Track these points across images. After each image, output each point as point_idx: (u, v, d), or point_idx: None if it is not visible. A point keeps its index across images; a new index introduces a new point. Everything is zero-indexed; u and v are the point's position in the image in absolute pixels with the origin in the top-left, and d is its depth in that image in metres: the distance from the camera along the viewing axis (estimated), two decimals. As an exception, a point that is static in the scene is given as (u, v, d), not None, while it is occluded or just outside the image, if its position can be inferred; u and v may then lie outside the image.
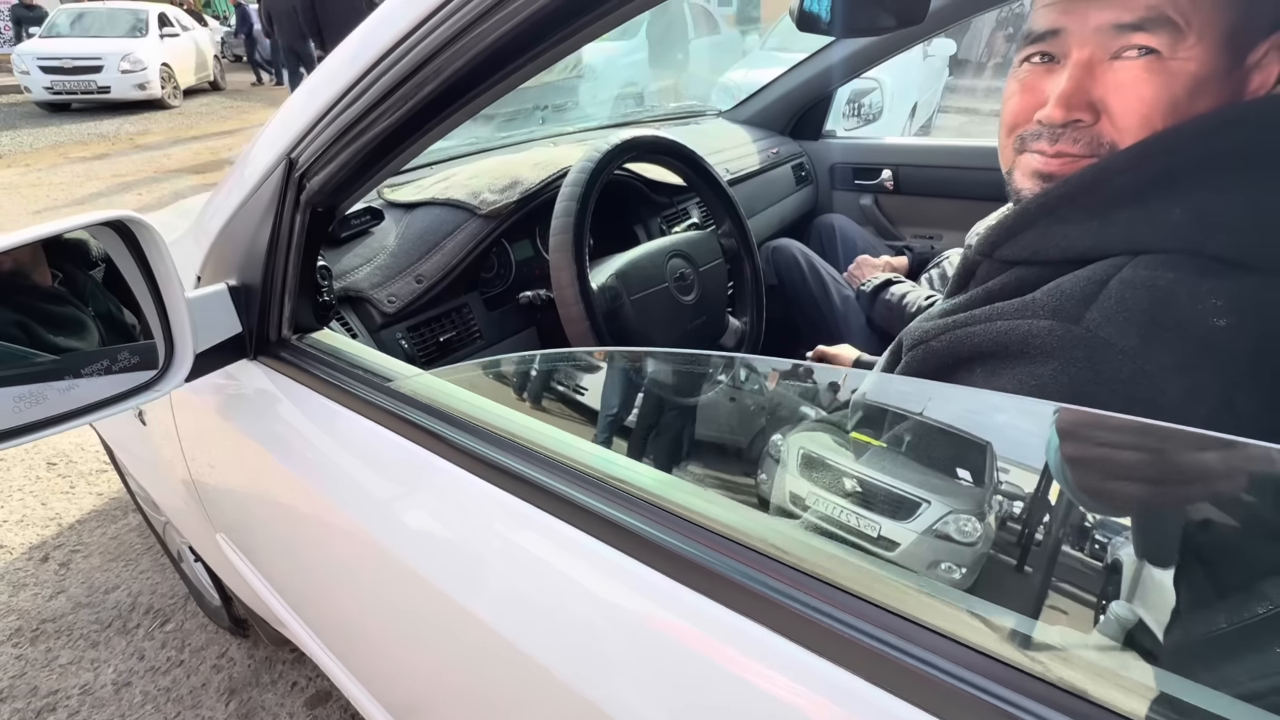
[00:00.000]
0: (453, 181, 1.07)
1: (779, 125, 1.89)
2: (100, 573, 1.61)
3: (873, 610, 0.32)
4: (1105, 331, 0.40)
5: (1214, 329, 0.38)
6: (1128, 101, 0.45)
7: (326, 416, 0.63)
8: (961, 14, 1.44)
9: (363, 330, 0.87)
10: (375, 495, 0.58)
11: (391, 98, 0.50)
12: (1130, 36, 0.44)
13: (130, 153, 5.91)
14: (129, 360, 0.58)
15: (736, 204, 1.11)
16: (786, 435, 0.45)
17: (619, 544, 0.41)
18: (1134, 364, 0.38)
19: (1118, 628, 0.29)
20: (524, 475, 0.46)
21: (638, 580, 0.40)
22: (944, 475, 0.39)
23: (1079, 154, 0.47)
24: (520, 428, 0.50)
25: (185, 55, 9.01)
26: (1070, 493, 0.33)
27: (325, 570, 0.71)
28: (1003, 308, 0.45)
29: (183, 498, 0.96)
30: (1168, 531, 0.31)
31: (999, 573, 0.34)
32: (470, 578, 0.50)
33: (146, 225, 0.54)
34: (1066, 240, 0.45)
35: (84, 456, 2.03)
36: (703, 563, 0.37)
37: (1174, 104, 0.44)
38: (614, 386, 0.57)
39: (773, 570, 0.35)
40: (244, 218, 0.66)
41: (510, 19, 0.42)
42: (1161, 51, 0.43)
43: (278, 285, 0.65)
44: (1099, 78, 0.46)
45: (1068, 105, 0.46)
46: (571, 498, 0.43)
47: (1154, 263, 0.41)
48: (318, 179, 0.58)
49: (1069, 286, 0.42)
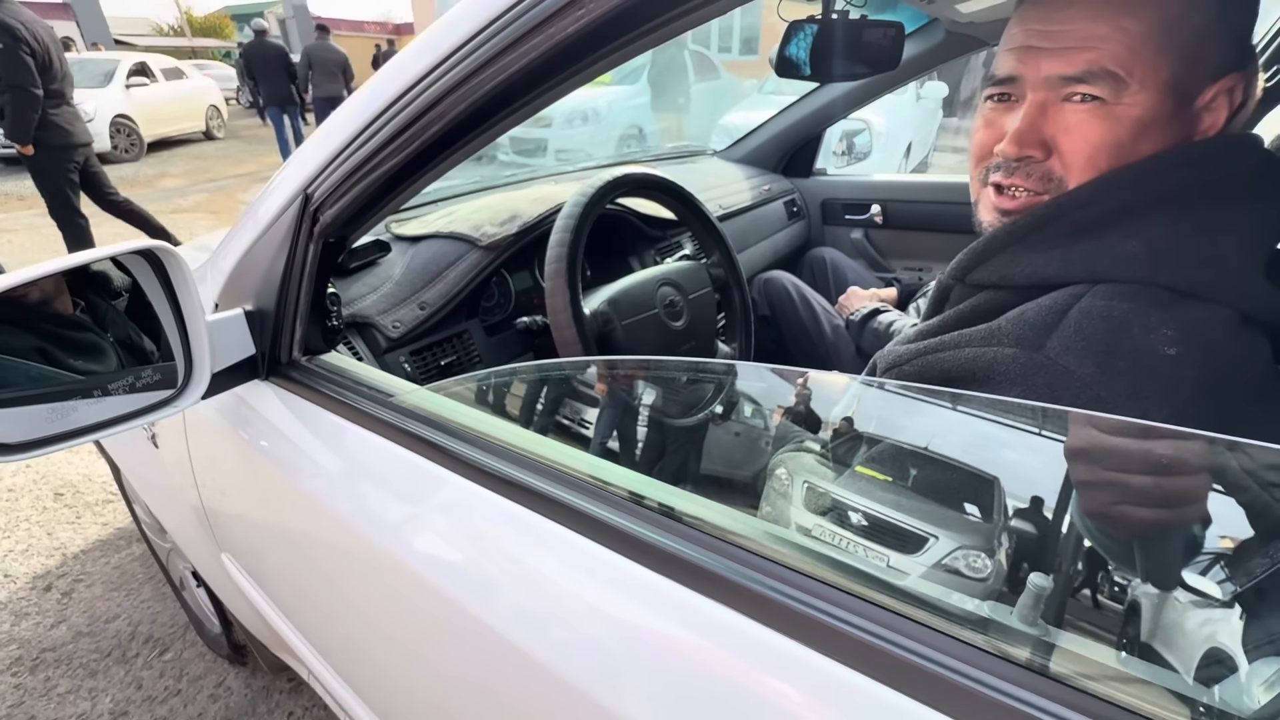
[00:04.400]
0: (455, 216, 1.13)
1: (771, 163, 1.97)
2: (102, 602, 1.62)
3: (888, 615, 0.33)
4: (1065, 360, 0.42)
5: (1164, 358, 0.40)
6: (1075, 142, 0.48)
7: (333, 432, 0.67)
8: (936, 62, 1.51)
9: (368, 353, 0.91)
10: (380, 507, 0.62)
11: (400, 138, 0.56)
12: (1075, 86, 0.47)
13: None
14: (151, 378, 0.62)
15: (724, 236, 1.17)
16: (790, 467, 0.45)
17: (625, 550, 0.43)
18: (1090, 391, 0.40)
19: (1137, 659, 0.29)
20: (526, 484, 0.49)
21: (647, 587, 0.41)
22: (952, 510, 0.38)
23: (1031, 188, 0.51)
24: (521, 438, 0.53)
25: (156, 106, 8.46)
26: (1076, 516, 0.33)
27: (331, 585, 0.73)
28: (970, 335, 0.47)
29: (189, 519, 0.99)
30: (1170, 551, 0.31)
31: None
32: (478, 587, 0.51)
33: (174, 254, 0.60)
34: (1031, 267, 0.48)
35: (91, 488, 2.06)
36: (709, 567, 0.39)
37: (1119, 145, 0.47)
38: (612, 398, 0.60)
39: (783, 577, 0.36)
40: (261, 248, 0.72)
41: (508, 69, 0.47)
42: (1105, 99, 0.47)
43: (290, 310, 0.70)
44: (1050, 118, 0.49)
45: (1021, 142, 0.50)
46: (575, 505, 0.46)
47: (1111, 293, 0.43)
48: (331, 212, 0.64)
49: (1032, 315, 0.44)
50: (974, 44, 1.43)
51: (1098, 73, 0.46)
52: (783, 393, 0.51)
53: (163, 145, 8.97)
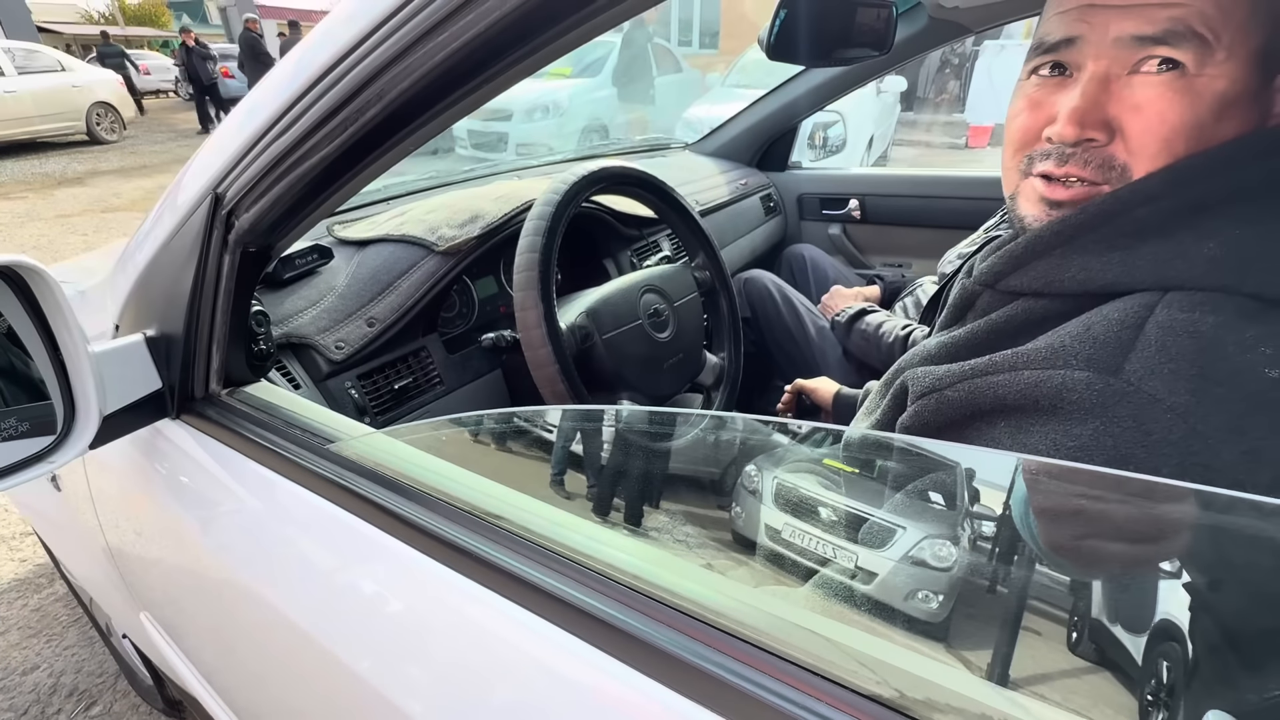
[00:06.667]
0: (408, 217, 1.01)
1: (746, 157, 1.90)
2: (18, 650, 1.45)
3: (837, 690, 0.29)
4: (1150, 386, 0.36)
5: (1267, 381, 0.34)
6: (1147, 122, 0.41)
7: (261, 485, 0.55)
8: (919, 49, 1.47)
9: (307, 380, 0.79)
10: (312, 577, 0.51)
11: (329, 125, 0.45)
12: (1152, 49, 0.40)
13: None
14: (17, 428, 0.49)
15: (709, 235, 1.08)
16: (760, 467, 0.44)
17: (611, 648, 0.35)
18: (1185, 423, 0.34)
19: (1093, 650, 0.29)
20: (480, 555, 0.40)
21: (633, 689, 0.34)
22: (917, 499, 0.37)
23: (1089, 177, 0.44)
24: (480, 496, 0.44)
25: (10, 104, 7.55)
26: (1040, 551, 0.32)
27: (255, 651, 0.62)
28: (1029, 354, 0.40)
29: (104, 573, 0.86)
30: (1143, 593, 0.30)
31: (975, 598, 0.34)
32: (421, 673, 0.43)
33: (39, 271, 0.47)
34: (1086, 273, 0.41)
35: (6, 519, 1.86)
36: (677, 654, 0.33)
37: (1198, 126, 0.40)
38: (587, 448, 0.52)
39: (740, 652, 0.32)
40: (167, 260, 0.59)
41: (458, 37, 0.37)
42: (1187, 67, 0.40)
43: (204, 334, 0.58)
44: (1115, 94, 0.42)
45: (1081, 122, 0.43)
46: (532, 579, 0.37)
47: (1190, 303, 0.37)
48: (248, 216, 0.52)
49: (1100, 331, 0.38)
50: (957, 30, 1.38)
51: (1182, 32, 0.39)
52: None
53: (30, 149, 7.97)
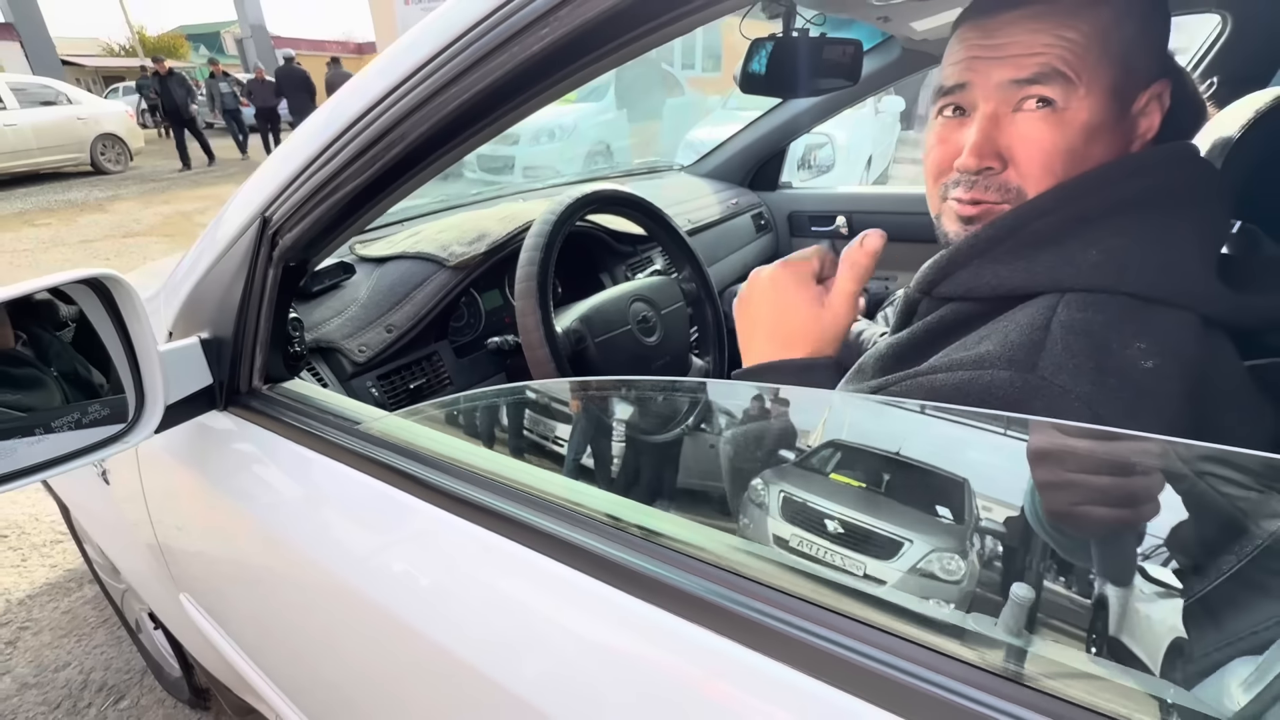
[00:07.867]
0: (422, 236, 1.11)
1: (738, 178, 1.99)
2: (50, 649, 1.53)
3: (866, 630, 0.33)
4: (1060, 379, 0.41)
5: (1145, 372, 0.40)
6: (1030, 150, 0.49)
7: (297, 463, 0.64)
8: (894, 77, 1.56)
9: (333, 379, 0.89)
10: (348, 539, 0.59)
11: (361, 159, 0.54)
12: (1029, 89, 0.49)
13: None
14: (99, 414, 0.59)
15: (694, 250, 1.17)
16: (767, 479, 0.45)
17: (602, 574, 0.42)
18: (1091, 411, 0.39)
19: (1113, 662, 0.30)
20: (501, 511, 0.47)
21: (623, 611, 0.41)
22: (925, 513, 0.38)
23: (991, 200, 0.52)
24: (494, 462, 0.52)
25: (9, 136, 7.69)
26: (1036, 521, 0.33)
27: (297, 622, 0.70)
28: (962, 359, 0.45)
29: (145, 558, 0.94)
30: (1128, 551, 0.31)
31: (988, 612, 0.34)
32: (451, 618, 0.50)
33: (121, 281, 0.57)
34: (997, 279, 0.48)
35: (38, 528, 1.95)
36: (689, 589, 0.38)
37: (1072, 151, 0.48)
38: (583, 418, 0.59)
39: (763, 595, 0.36)
40: (217, 274, 0.69)
41: (471, 89, 0.47)
42: (1057, 102, 0.48)
43: (249, 337, 0.67)
44: (1004, 128, 0.50)
45: (979, 154, 0.51)
46: (551, 531, 0.44)
47: (1083, 303, 0.43)
48: (290, 235, 0.62)
49: (1015, 335, 0.44)
50: (928, 60, 1.47)
51: (1049, 74, 0.48)
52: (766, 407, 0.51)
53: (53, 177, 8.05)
